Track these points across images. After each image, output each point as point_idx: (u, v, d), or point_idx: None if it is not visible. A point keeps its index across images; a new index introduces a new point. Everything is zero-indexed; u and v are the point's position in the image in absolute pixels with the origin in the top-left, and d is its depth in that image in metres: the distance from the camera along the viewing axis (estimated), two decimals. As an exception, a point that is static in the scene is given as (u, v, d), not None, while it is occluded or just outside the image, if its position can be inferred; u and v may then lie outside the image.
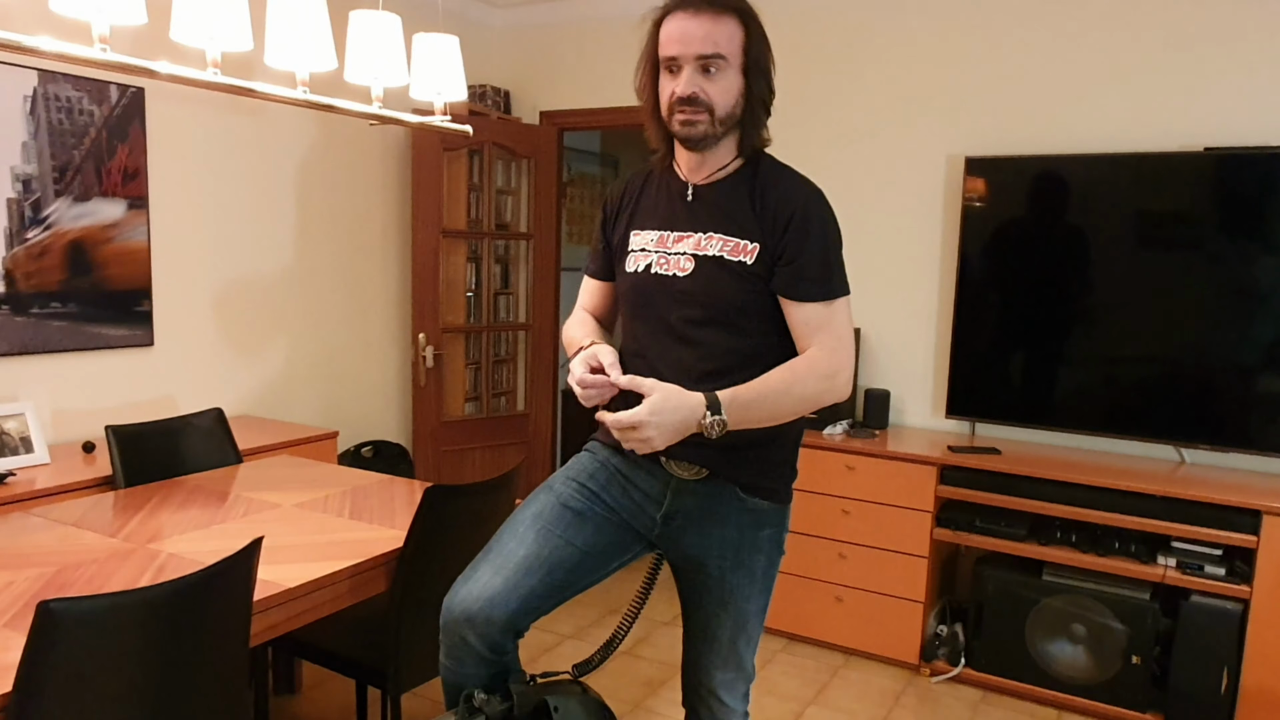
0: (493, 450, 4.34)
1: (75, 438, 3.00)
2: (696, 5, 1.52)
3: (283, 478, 2.67)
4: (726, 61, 1.53)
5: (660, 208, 1.68)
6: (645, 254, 1.67)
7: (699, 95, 1.53)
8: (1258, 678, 2.71)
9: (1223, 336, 3.00)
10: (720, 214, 1.61)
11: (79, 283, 2.96)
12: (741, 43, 1.54)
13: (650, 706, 2.95)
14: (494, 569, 1.63)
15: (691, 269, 1.61)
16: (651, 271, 1.66)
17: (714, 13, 1.51)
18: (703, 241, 1.61)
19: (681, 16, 1.53)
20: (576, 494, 1.71)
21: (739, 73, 1.55)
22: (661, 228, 1.67)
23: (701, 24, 1.50)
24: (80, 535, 2.10)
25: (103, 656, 1.45)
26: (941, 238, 3.55)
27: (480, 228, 4.36)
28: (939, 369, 3.59)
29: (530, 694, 1.55)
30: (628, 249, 1.71)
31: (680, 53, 1.53)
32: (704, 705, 1.77)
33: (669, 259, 1.64)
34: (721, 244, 1.60)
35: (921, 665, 3.26)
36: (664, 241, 1.65)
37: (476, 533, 2.23)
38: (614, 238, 1.76)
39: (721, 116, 1.56)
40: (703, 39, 1.51)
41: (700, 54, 1.51)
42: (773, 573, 1.74)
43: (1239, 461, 3.09)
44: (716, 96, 1.54)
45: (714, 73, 1.53)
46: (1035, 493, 3.01)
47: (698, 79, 1.53)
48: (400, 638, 2.14)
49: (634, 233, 1.71)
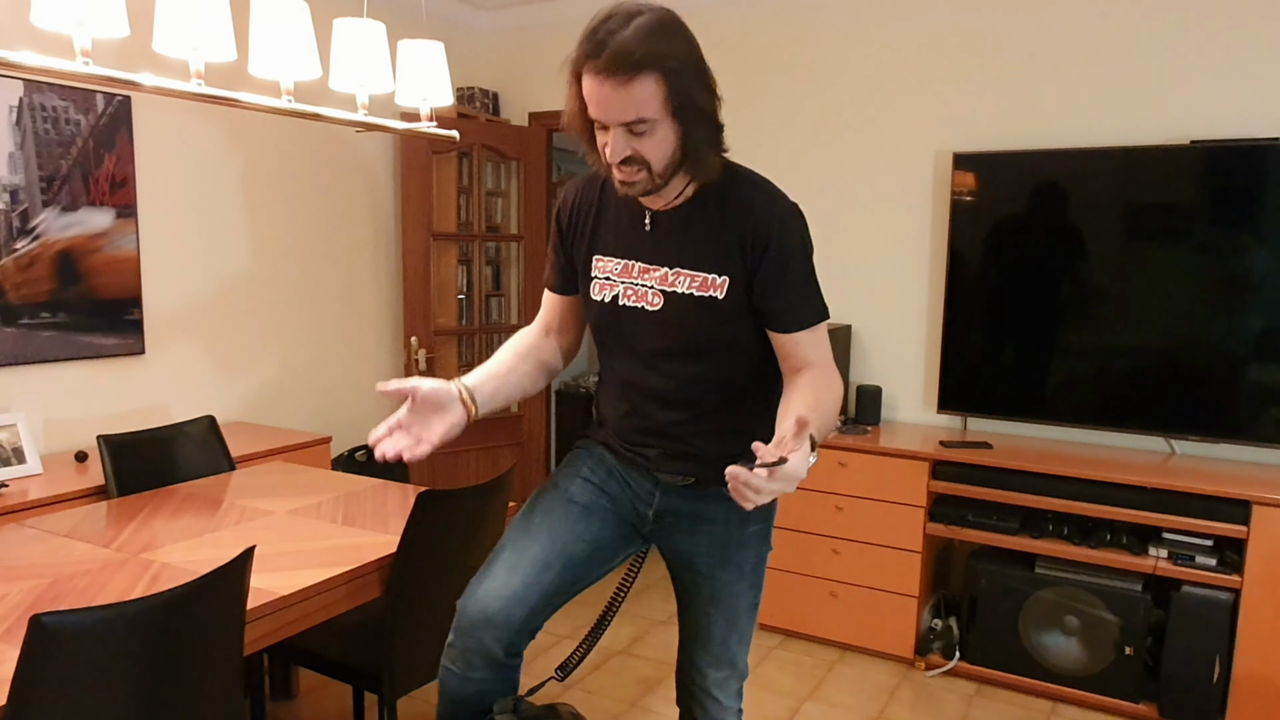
0: (487, 452, 4.34)
1: (67, 448, 3.00)
2: (606, 69, 1.35)
3: (275, 484, 2.68)
4: (653, 121, 1.38)
5: (622, 232, 1.59)
6: (610, 284, 1.59)
7: (632, 155, 1.42)
8: (1249, 666, 2.73)
9: (1212, 328, 3.01)
10: (684, 246, 1.52)
11: (68, 292, 2.96)
12: (663, 98, 1.37)
13: (647, 705, 2.96)
14: (510, 568, 1.63)
15: (661, 304, 1.54)
16: (619, 304, 1.59)
17: (625, 77, 1.34)
18: (670, 276, 1.53)
19: (594, 80, 1.37)
20: (581, 490, 1.73)
21: (670, 123, 1.40)
22: (626, 256, 1.58)
23: (616, 90, 1.35)
24: (73, 546, 2.11)
25: (97, 669, 1.45)
26: (930, 233, 3.56)
27: (470, 230, 4.36)
28: (930, 364, 3.61)
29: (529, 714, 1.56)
30: (590, 274, 1.63)
31: (603, 118, 1.40)
32: (697, 703, 1.78)
33: (636, 290, 1.57)
34: (689, 280, 1.52)
35: (916, 659, 3.27)
36: (629, 271, 1.57)
37: (470, 537, 2.24)
38: (575, 256, 1.67)
39: (660, 170, 1.43)
40: (621, 108, 1.37)
41: (622, 121, 1.39)
42: (761, 569, 1.75)
43: (1229, 452, 3.11)
44: (650, 153, 1.41)
45: (643, 133, 1.39)
46: (1027, 486, 3.03)
47: (628, 140, 1.40)
48: (395, 643, 2.15)
49: (596, 258, 1.62)
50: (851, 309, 3.74)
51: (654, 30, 1.35)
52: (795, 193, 1.59)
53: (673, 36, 1.38)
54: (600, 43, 1.35)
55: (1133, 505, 2.87)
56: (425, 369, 4.07)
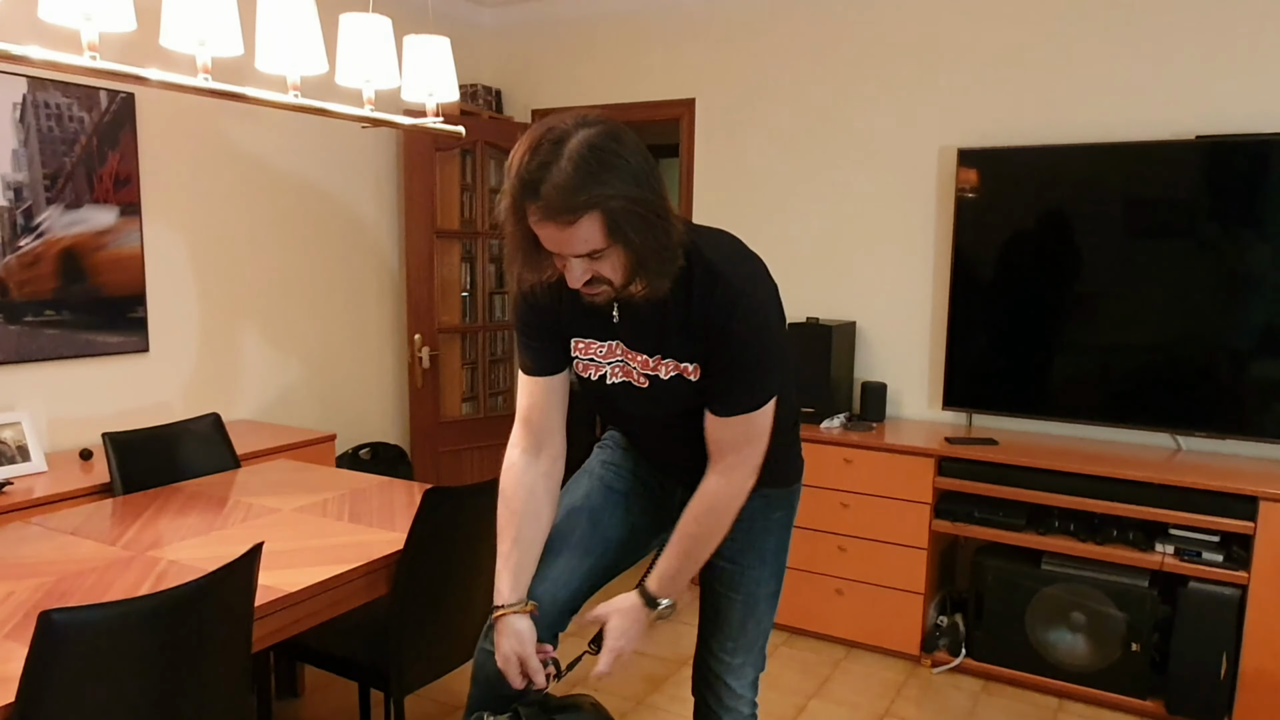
0: (491, 450, 4.33)
1: (72, 445, 2.99)
2: (546, 214, 1.30)
3: (281, 482, 2.67)
4: (605, 249, 1.34)
5: (592, 320, 1.55)
6: (596, 365, 1.58)
7: (594, 277, 1.38)
8: (1257, 662, 2.73)
9: (1217, 324, 3.01)
10: (655, 337, 1.50)
11: (73, 290, 2.95)
12: (605, 231, 1.31)
13: (653, 703, 2.96)
14: (552, 552, 1.68)
15: (647, 385, 1.55)
16: (607, 382, 1.59)
17: (564, 223, 1.29)
18: (650, 362, 1.52)
19: (537, 220, 1.32)
20: (617, 476, 1.79)
21: (619, 249, 1.34)
22: (604, 339, 1.56)
23: (562, 230, 1.31)
24: (79, 544, 2.10)
25: (105, 666, 1.44)
26: (935, 229, 3.56)
27: (474, 227, 4.35)
28: (935, 360, 3.60)
29: (538, 714, 1.55)
30: (572, 355, 1.62)
31: (557, 250, 1.36)
32: (711, 692, 1.78)
33: (623, 368, 1.56)
34: (668, 368, 1.52)
35: (922, 656, 3.27)
36: (614, 352, 1.56)
37: (476, 533, 2.24)
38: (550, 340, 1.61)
39: (621, 284, 1.40)
40: (572, 244, 1.33)
41: (576, 254, 1.35)
42: (783, 558, 1.76)
43: (1235, 448, 3.10)
44: (610, 273, 1.37)
45: (600, 258, 1.35)
46: (1033, 482, 3.02)
47: (587, 265, 1.36)
48: (402, 640, 2.14)
49: (574, 340, 1.60)
50: (856, 305, 3.73)
51: (587, 163, 1.28)
52: (800, 188, 1.55)
53: (608, 168, 1.29)
54: (534, 183, 1.29)
55: (1139, 501, 2.87)
56: (428, 366, 4.07)
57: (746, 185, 3.92)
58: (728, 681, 1.76)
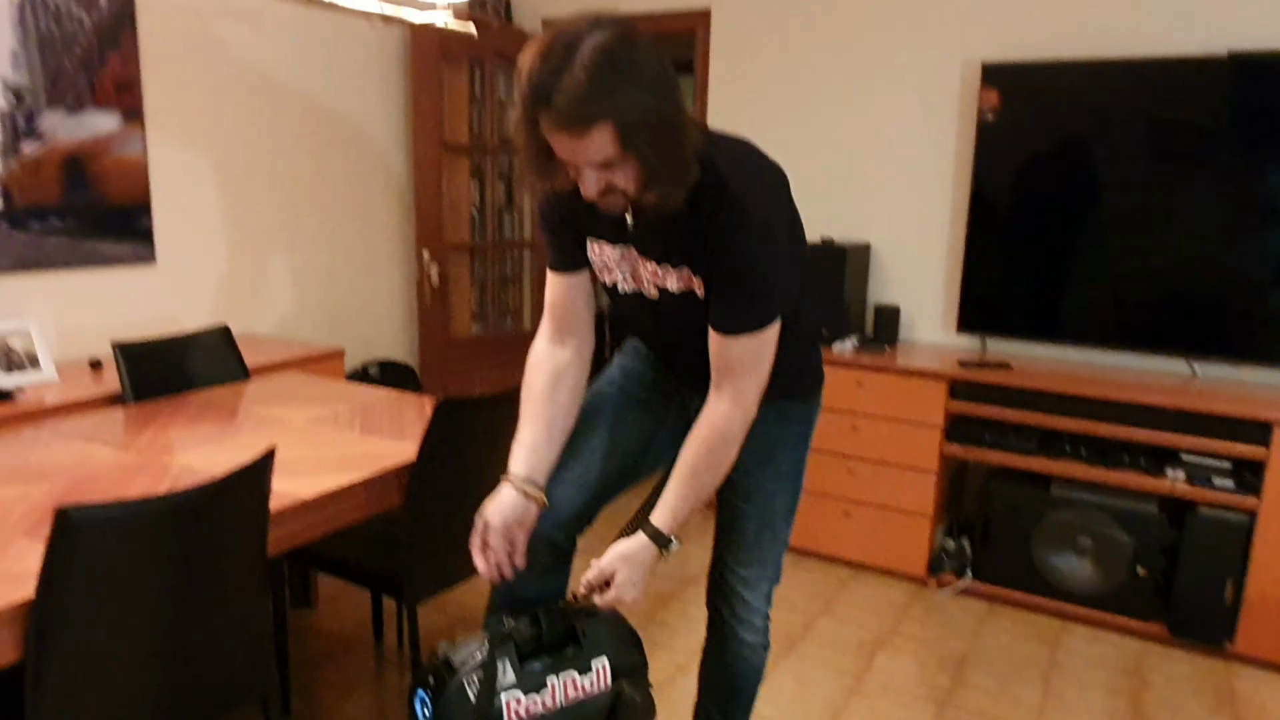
0: (500, 370, 4.32)
1: (81, 356, 2.98)
2: (559, 122, 1.25)
3: (292, 394, 2.66)
4: (618, 158, 1.30)
5: (607, 222, 1.52)
6: (609, 270, 1.58)
7: (608, 187, 1.35)
8: (1261, 588, 2.75)
9: (1238, 251, 2.95)
10: (665, 244, 1.47)
11: (77, 198, 2.91)
12: (618, 143, 1.27)
13: (662, 620, 3.00)
14: (570, 455, 1.68)
15: (658, 297, 1.54)
16: (619, 290, 1.59)
17: (580, 130, 1.25)
18: (659, 272, 1.50)
19: (549, 128, 1.28)
20: (636, 384, 1.78)
21: (632, 161, 1.31)
22: (615, 242, 1.54)
23: (575, 140, 1.27)
24: (93, 449, 2.10)
25: (123, 563, 1.45)
26: (955, 148, 3.47)
27: (483, 142, 4.26)
28: (950, 284, 3.55)
29: (558, 618, 1.56)
30: (586, 255, 1.60)
31: (569, 160, 1.32)
32: (726, 604, 1.79)
33: (632, 276, 1.56)
34: (675, 278, 1.50)
35: (928, 578, 3.30)
36: (628, 258, 1.54)
37: (488, 445, 2.23)
38: (567, 238, 1.60)
39: (636, 193, 1.36)
40: (585, 153, 1.29)
41: (589, 162, 1.31)
42: (799, 472, 1.75)
43: (1251, 375, 3.07)
44: (624, 183, 1.34)
45: (614, 168, 1.32)
46: (1045, 406, 3.01)
47: (601, 174, 1.33)
48: (414, 549, 2.16)
49: (589, 240, 1.58)
50: (871, 227, 3.67)
51: (601, 70, 1.22)
52: (818, 106, 1.49)
53: (622, 75, 1.24)
54: (545, 90, 1.24)
55: (1152, 426, 2.85)
56: (437, 284, 4.03)
57: (762, 102, 3.82)
58: (741, 594, 1.77)
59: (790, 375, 1.66)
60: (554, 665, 1.52)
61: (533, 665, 1.51)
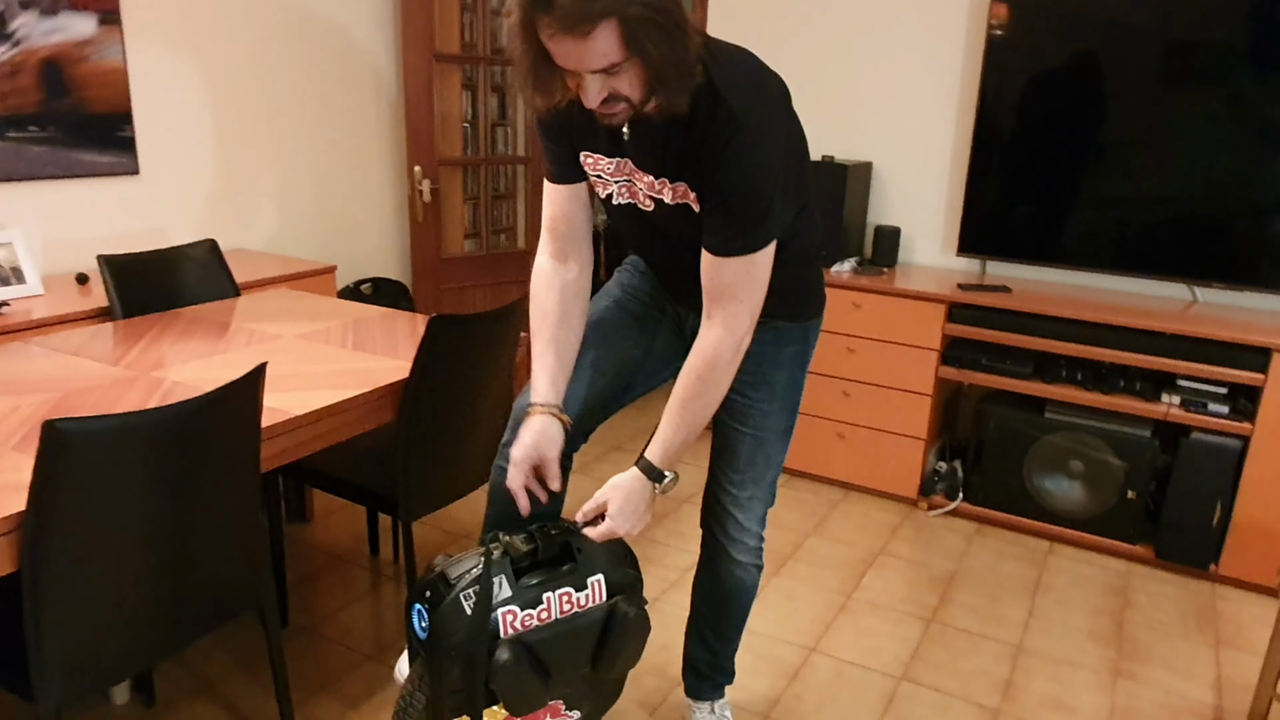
0: (494, 289, 4.28)
1: (66, 270, 2.93)
2: (561, 26, 1.20)
3: (283, 310, 2.63)
4: (623, 63, 1.25)
5: (600, 132, 1.46)
6: (603, 182, 1.54)
7: (611, 95, 1.29)
8: (1249, 512, 2.77)
9: (1245, 175, 2.89)
10: (660, 158, 1.43)
11: (57, 105, 2.81)
12: (622, 42, 1.22)
13: (654, 538, 3.03)
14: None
15: (653, 207, 1.50)
16: (614, 201, 1.55)
17: (581, 34, 1.20)
18: (655, 184, 1.46)
19: (549, 35, 1.23)
20: (633, 299, 1.76)
21: (637, 63, 1.26)
22: (610, 154, 1.49)
23: (577, 44, 1.21)
24: (82, 363, 2.07)
25: (113, 476, 1.43)
26: (962, 64, 3.37)
27: (475, 52, 4.13)
28: (952, 205, 3.49)
29: (554, 535, 1.56)
30: (582, 167, 1.56)
31: (572, 68, 1.27)
32: (719, 525, 1.79)
33: (627, 188, 1.51)
34: (671, 192, 1.45)
35: (919, 500, 3.33)
36: (623, 169, 1.50)
37: (481, 362, 2.21)
38: (565, 148, 1.56)
39: (640, 101, 1.31)
40: (589, 59, 1.23)
41: (592, 69, 1.25)
42: (796, 394, 1.74)
43: (1252, 301, 3.05)
44: (628, 89, 1.29)
45: (617, 73, 1.26)
46: (1043, 330, 2.99)
47: (604, 82, 1.27)
48: (408, 466, 2.15)
49: (583, 154, 1.53)
50: (874, 145, 3.59)
51: None
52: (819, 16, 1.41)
53: None
54: None
55: (1150, 351, 2.84)
56: (429, 200, 3.95)
57: (763, 12, 3.69)
58: (735, 515, 1.78)
59: (789, 296, 1.64)
60: (550, 581, 1.52)
61: (528, 581, 1.51)
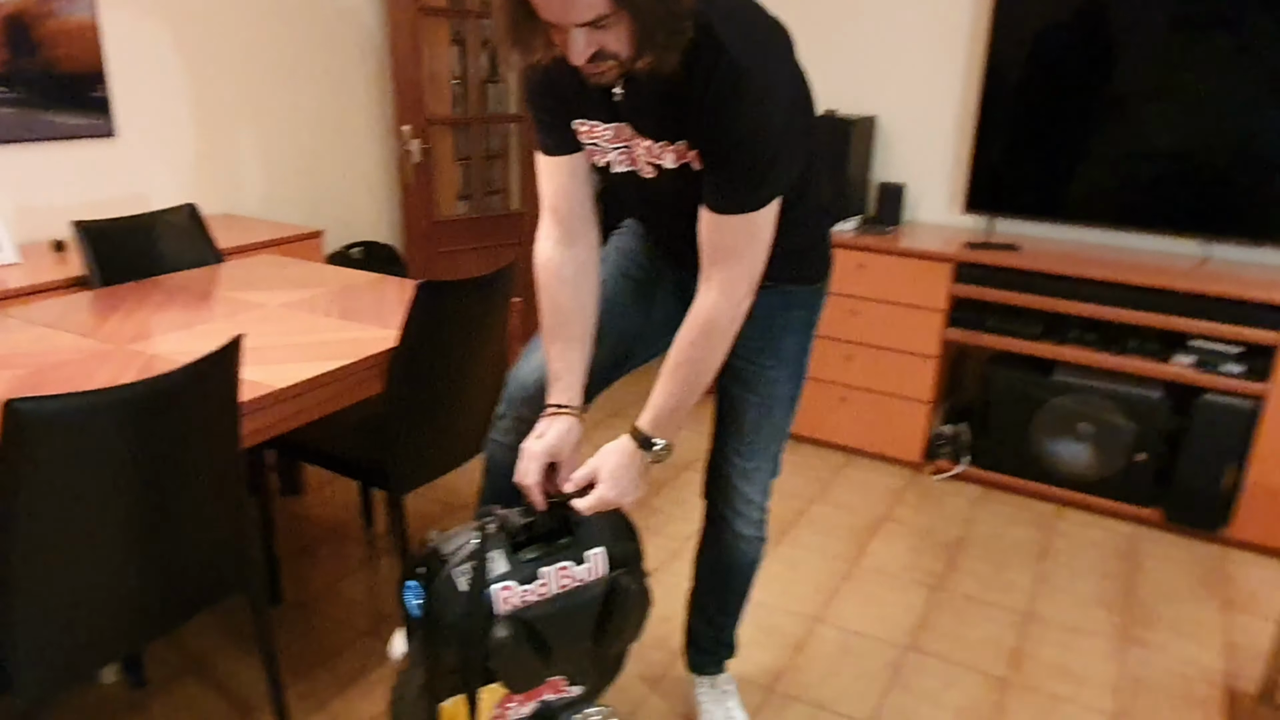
0: (488, 251, 4.18)
1: (42, 237, 2.83)
2: None
3: (267, 277, 2.54)
4: (610, 15, 1.16)
5: (593, 97, 1.38)
6: (600, 150, 1.45)
7: (599, 51, 1.21)
8: (1262, 474, 2.71)
9: (1261, 127, 2.78)
10: (659, 118, 1.34)
11: (25, 64, 2.69)
12: None
13: (655, 506, 2.97)
14: None
15: (654, 174, 1.41)
16: (612, 171, 1.46)
17: None
18: (654, 149, 1.37)
19: None
20: (633, 264, 1.70)
21: (627, 14, 1.16)
22: (605, 120, 1.40)
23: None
24: (57, 335, 1.99)
25: (80, 457, 1.36)
26: (970, 14, 3.24)
27: (463, 5, 3.98)
28: (959, 161, 3.38)
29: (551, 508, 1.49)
30: (577, 136, 1.47)
31: (557, 21, 1.17)
32: (722, 495, 1.73)
33: (626, 155, 1.43)
34: (673, 154, 1.36)
35: (924, 464, 3.27)
36: (620, 135, 1.40)
37: (473, 330, 2.13)
38: (557, 116, 1.47)
39: (628, 58, 1.22)
40: (574, 14, 1.15)
41: (578, 22, 1.16)
42: (803, 362, 1.67)
43: (1266, 258, 2.96)
44: (616, 45, 1.20)
45: (604, 26, 1.17)
46: (1053, 290, 2.90)
47: (590, 36, 1.18)
48: (399, 438, 2.08)
49: (576, 121, 1.44)
50: (878, 100, 3.47)
51: None
52: None
53: None
54: None
55: (1161, 310, 2.76)
56: (420, 160, 3.83)
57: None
58: (739, 485, 1.71)
59: (795, 257, 1.56)
60: (547, 555, 1.46)
61: (525, 555, 1.45)
